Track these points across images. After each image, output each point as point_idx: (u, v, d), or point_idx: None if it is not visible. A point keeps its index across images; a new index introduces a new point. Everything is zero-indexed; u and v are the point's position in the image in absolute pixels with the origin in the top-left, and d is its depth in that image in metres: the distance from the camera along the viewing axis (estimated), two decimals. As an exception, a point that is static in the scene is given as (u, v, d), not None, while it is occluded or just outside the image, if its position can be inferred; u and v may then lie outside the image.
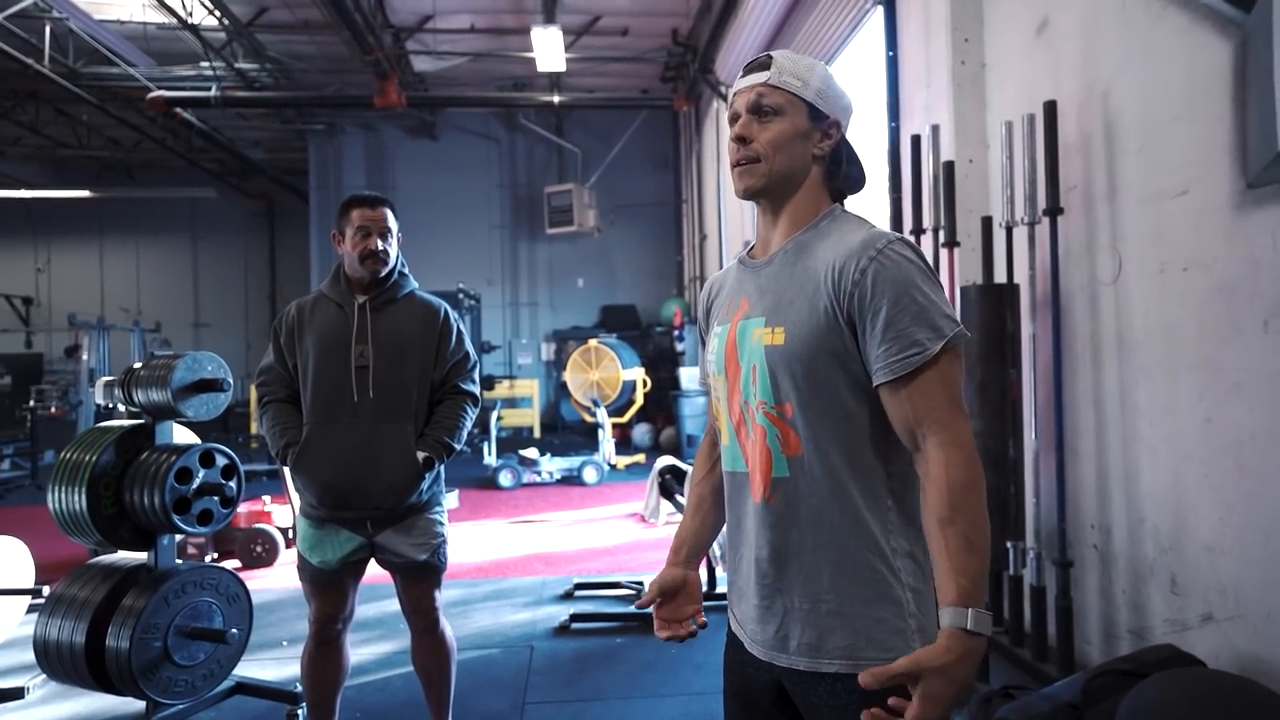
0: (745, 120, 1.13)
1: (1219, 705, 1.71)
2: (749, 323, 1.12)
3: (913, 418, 1.01)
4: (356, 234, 2.07)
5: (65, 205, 12.63)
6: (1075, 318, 2.64)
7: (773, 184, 1.14)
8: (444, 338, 2.16)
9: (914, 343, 0.99)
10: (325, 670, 2.17)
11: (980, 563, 0.96)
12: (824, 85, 1.13)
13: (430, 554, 2.12)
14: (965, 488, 0.97)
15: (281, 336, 2.12)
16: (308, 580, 2.12)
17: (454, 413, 2.14)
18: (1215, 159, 2.04)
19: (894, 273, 1.01)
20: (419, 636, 2.20)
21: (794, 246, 1.13)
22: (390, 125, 11.21)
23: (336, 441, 2.03)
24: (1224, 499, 2.07)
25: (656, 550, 4.75)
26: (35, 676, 2.83)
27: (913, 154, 3.28)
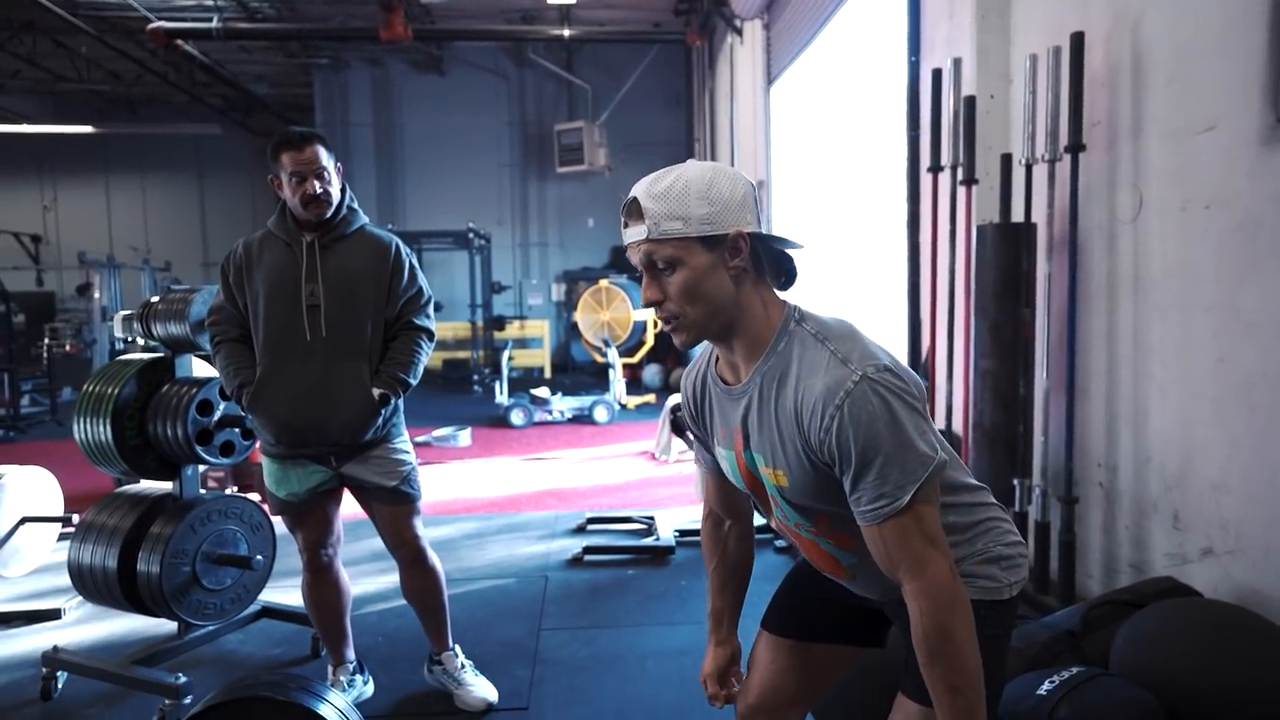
0: (647, 282, 1.08)
1: (1214, 631, 1.76)
2: (754, 455, 1.14)
3: (888, 562, 1.05)
4: (292, 179, 2.00)
5: (69, 142, 12.50)
6: (1092, 257, 2.62)
7: (705, 330, 1.09)
8: (396, 274, 2.11)
9: (881, 495, 1.00)
10: (324, 597, 2.24)
11: (965, 700, 1.02)
12: (707, 206, 1.03)
13: (399, 481, 2.14)
14: (942, 635, 1.01)
15: (230, 275, 2.09)
16: (282, 514, 2.16)
17: (408, 348, 2.12)
18: (1246, 93, 1.99)
19: (857, 428, 0.99)
20: (406, 568, 2.25)
21: (761, 380, 1.10)
22: (396, 59, 10.96)
23: (291, 381, 2.02)
24: (1232, 437, 2.09)
25: (667, 487, 4.84)
26: (71, 599, 2.95)
27: (933, 89, 3.20)
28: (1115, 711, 1.64)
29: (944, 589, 1.01)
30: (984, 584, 1.14)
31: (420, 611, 2.31)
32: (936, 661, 1.02)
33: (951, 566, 1.03)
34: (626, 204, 1.07)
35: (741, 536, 1.38)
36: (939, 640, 1.01)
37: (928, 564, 1.01)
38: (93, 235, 12.87)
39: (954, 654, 1.01)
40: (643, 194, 1.06)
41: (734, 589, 1.39)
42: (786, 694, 1.33)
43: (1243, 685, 1.66)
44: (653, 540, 3.64)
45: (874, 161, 4.75)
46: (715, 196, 1.04)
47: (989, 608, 1.14)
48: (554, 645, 2.69)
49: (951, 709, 1.02)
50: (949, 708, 1.02)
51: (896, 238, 3.76)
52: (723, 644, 1.39)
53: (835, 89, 5.63)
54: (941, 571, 1.01)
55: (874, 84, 4.75)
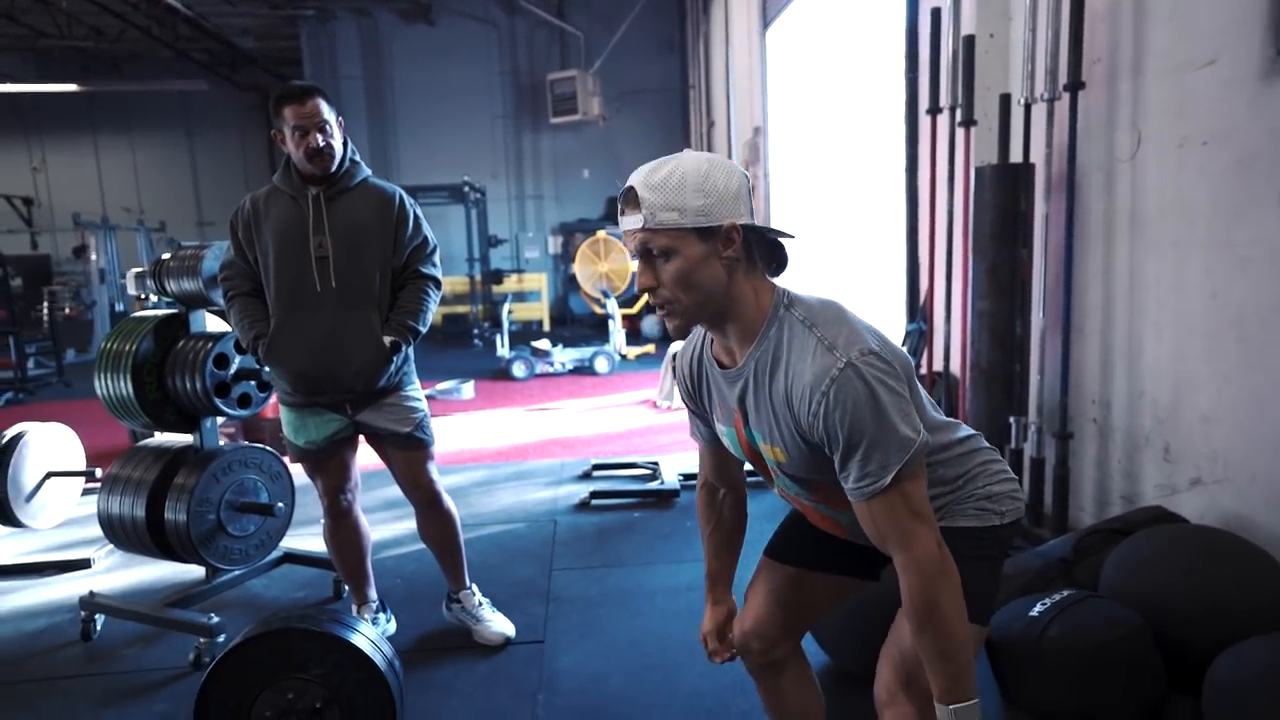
0: (642, 268, 1.11)
1: (1198, 553, 1.85)
2: (754, 432, 1.20)
3: (877, 536, 1.11)
4: (294, 133, 2.02)
5: (55, 101, 12.27)
6: (1090, 196, 2.64)
7: (697, 316, 1.14)
8: (401, 224, 2.15)
9: (866, 475, 1.06)
10: (346, 540, 2.32)
11: (955, 665, 1.08)
12: (702, 199, 1.06)
13: (413, 427, 2.21)
14: (930, 605, 1.07)
15: (239, 231, 2.13)
16: (301, 461, 2.23)
17: (416, 297, 2.17)
18: (1247, 26, 2.00)
19: (842, 412, 1.04)
20: (423, 512, 2.33)
21: (755, 365, 1.15)
22: (384, 9, 10.71)
23: (304, 330, 2.07)
24: (1222, 371, 2.15)
25: (669, 434, 4.93)
26: (99, 549, 3.05)
27: (932, 29, 3.18)
28: (1103, 629, 1.73)
29: (930, 562, 1.07)
30: (976, 514, 1.23)
31: (437, 553, 2.40)
32: (926, 631, 1.08)
33: (938, 539, 1.09)
34: (624, 193, 1.10)
35: (735, 505, 1.47)
36: (927, 611, 1.08)
37: (914, 538, 1.07)
38: (85, 197, 12.73)
39: (941, 623, 1.08)
40: (640, 184, 1.08)
41: (729, 553, 1.48)
42: (782, 621, 1.41)
43: (1225, 603, 1.75)
44: (657, 484, 3.73)
45: (873, 104, 4.72)
46: (710, 189, 1.06)
47: (983, 532, 1.22)
48: (565, 584, 2.80)
49: (942, 673, 1.09)
50: (938, 673, 1.09)
51: (895, 181, 3.77)
52: (720, 603, 1.48)
53: (833, 31, 5.55)
54: (928, 545, 1.07)
55: (872, 24, 4.69)
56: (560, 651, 2.33)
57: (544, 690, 2.14)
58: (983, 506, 1.23)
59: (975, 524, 1.22)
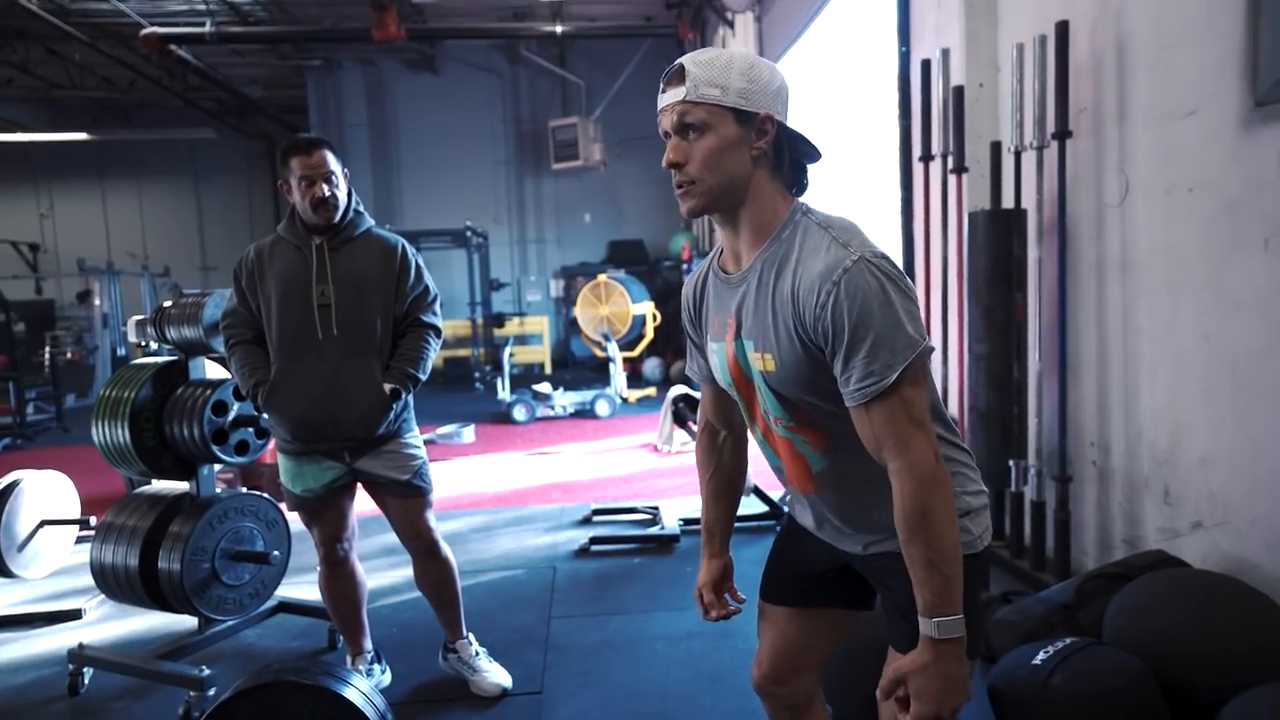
0: (674, 143, 1.11)
1: (1200, 599, 1.83)
2: (744, 344, 1.18)
3: (875, 442, 1.08)
4: (301, 183, 2.07)
5: (65, 149, 12.50)
6: (1081, 241, 2.68)
7: (715, 200, 1.12)
8: (404, 273, 2.19)
9: (870, 373, 1.03)
10: (341, 590, 2.30)
11: (942, 576, 1.05)
12: (746, 82, 1.08)
13: (412, 475, 2.21)
14: (921, 513, 1.04)
15: (243, 280, 2.16)
16: (298, 510, 2.22)
17: (417, 345, 2.19)
18: (1225, 77, 2.05)
19: (851, 303, 1.02)
20: (421, 561, 2.31)
21: (762, 265, 1.13)
22: (390, 59, 10.98)
23: (305, 377, 2.09)
24: (1219, 413, 2.16)
25: (670, 478, 4.91)
26: (91, 599, 3.01)
27: (922, 79, 3.26)
28: (1107, 677, 1.71)
29: (926, 469, 1.04)
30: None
31: (434, 602, 2.37)
32: (915, 538, 1.05)
33: (935, 449, 1.07)
34: (670, 70, 1.11)
35: (736, 448, 1.44)
36: (919, 518, 1.04)
37: (911, 444, 1.04)
38: (90, 242, 12.89)
39: (931, 531, 1.05)
40: (689, 61, 1.10)
41: (727, 500, 1.45)
42: (795, 660, 1.40)
43: (1230, 650, 1.73)
44: (658, 530, 3.71)
45: (867, 151, 4.81)
46: (755, 77, 1.09)
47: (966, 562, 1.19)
48: (565, 632, 2.76)
49: (928, 584, 1.05)
50: (925, 583, 1.05)
51: (891, 225, 3.82)
52: (715, 557, 1.44)
53: (827, 80, 5.67)
54: (924, 452, 1.05)
55: (865, 74, 4.80)
56: (558, 702, 2.29)
57: (540, 744, 2.09)
58: (964, 526, 1.17)
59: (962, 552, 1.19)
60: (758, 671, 1.43)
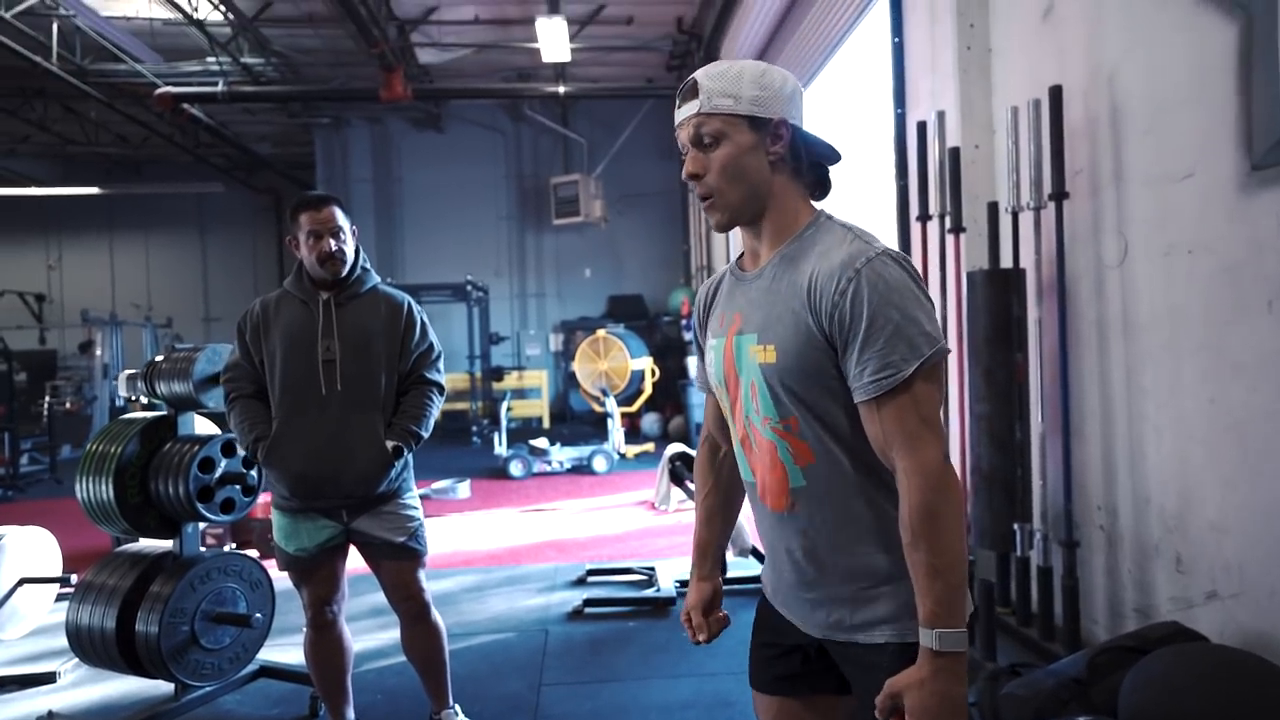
0: (692, 155, 1.12)
1: (1221, 678, 1.75)
2: (743, 338, 1.15)
3: (883, 440, 1.04)
4: (309, 238, 2.09)
5: (75, 202, 12.71)
6: (1081, 301, 2.66)
7: (740, 212, 1.13)
8: (409, 330, 2.19)
9: (887, 364, 1.00)
10: (327, 654, 2.22)
11: (945, 585, 1.00)
12: (758, 90, 1.09)
13: (408, 537, 2.16)
14: (927, 515, 1.00)
15: (247, 334, 2.15)
16: (289, 569, 2.16)
17: (420, 402, 2.19)
18: (1220, 142, 2.06)
19: (872, 292, 1.01)
20: (410, 624, 2.24)
21: (780, 260, 1.13)
22: (396, 118, 11.23)
23: (307, 433, 2.06)
24: (1227, 478, 2.10)
25: (667, 537, 4.80)
26: (66, 661, 2.91)
27: (919, 141, 3.30)
28: (1125, 760, 1.61)
29: (935, 470, 1.01)
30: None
31: (421, 669, 2.28)
32: (921, 542, 1.00)
33: (945, 452, 1.03)
34: (684, 86, 1.12)
35: (735, 465, 1.37)
36: (924, 521, 1.00)
37: (921, 443, 1.01)
38: (97, 293, 12.99)
39: (937, 536, 1.00)
40: (701, 75, 1.12)
41: (722, 520, 1.39)
42: None
43: (1252, 731, 1.64)
44: (653, 591, 3.60)
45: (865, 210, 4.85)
46: (767, 84, 1.10)
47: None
48: (555, 700, 2.65)
49: (930, 592, 1.00)
50: (928, 592, 1.00)
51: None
52: (706, 579, 1.38)
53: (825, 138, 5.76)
54: (934, 453, 1.01)
55: (862, 135, 4.88)
56: (546, 779, 2.18)
57: (527, 825, 1.98)
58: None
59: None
60: None
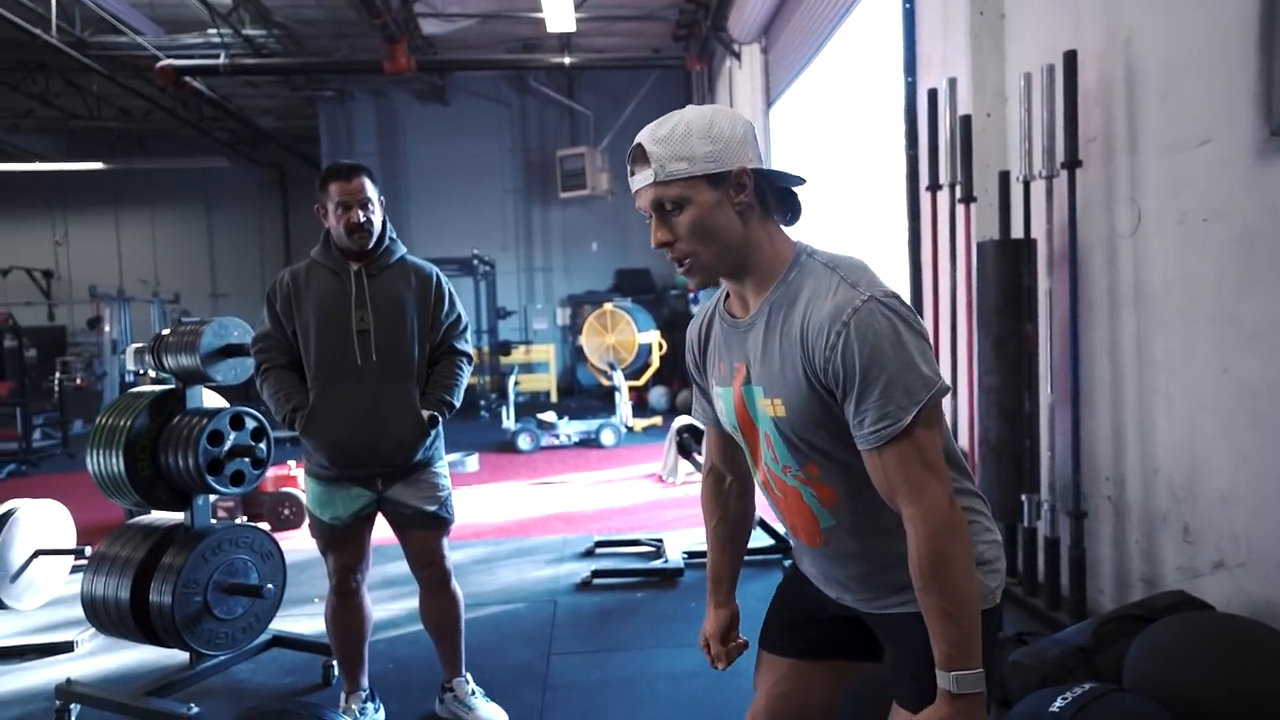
0: (656, 223, 1.09)
1: (1227, 646, 1.75)
2: (752, 390, 1.14)
3: (888, 487, 1.05)
4: (337, 208, 2.08)
5: (80, 178, 12.68)
6: (1092, 271, 2.63)
7: (718, 269, 1.12)
8: (439, 302, 2.22)
9: (884, 415, 1.00)
10: (349, 622, 2.25)
11: (959, 628, 1.01)
12: (710, 145, 1.05)
13: (439, 506, 2.21)
14: (936, 561, 1.01)
15: (278, 304, 2.15)
16: (321, 537, 2.19)
17: (451, 372, 2.23)
18: (1238, 107, 2.02)
19: (862, 344, 1.00)
20: (430, 591, 2.28)
21: (770, 308, 1.11)
22: (400, 90, 11.12)
23: (344, 403, 2.09)
24: (1239, 448, 2.09)
25: (675, 509, 4.83)
26: (83, 631, 2.96)
27: (930, 109, 3.25)
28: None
29: (941, 515, 1.01)
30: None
31: (437, 636, 2.32)
32: (931, 586, 1.01)
33: (950, 494, 1.03)
34: (632, 151, 1.09)
35: (742, 494, 1.39)
36: (933, 565, 1.01)
37: (926, 489, 1.01)
38: (104, 269, 13.01)
39: (948, 579, 1.00)
40: (647, 140, 1.08)
41: (734, 547, 1.40)
42: (794, 713, 1.32)
43: (1256, 699, 1.64)
44: (661, 563, 3.63)
45: (874, 180, 4.80)
46: (717, 135, 1.06)
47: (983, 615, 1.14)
48: (564, 669, 2.68)
49: (945, 635, 1.01)
50: (942, 634, 1.01)
51: (899, 255, 3.78)
52: (722, 606, 1.39)
53: (834, 110, 5.69)
54: (939, 498, 1.01)
55: (872, 104, 4.81)
56: (555, 745, 2.22)
57: (536, 790, 2.02)
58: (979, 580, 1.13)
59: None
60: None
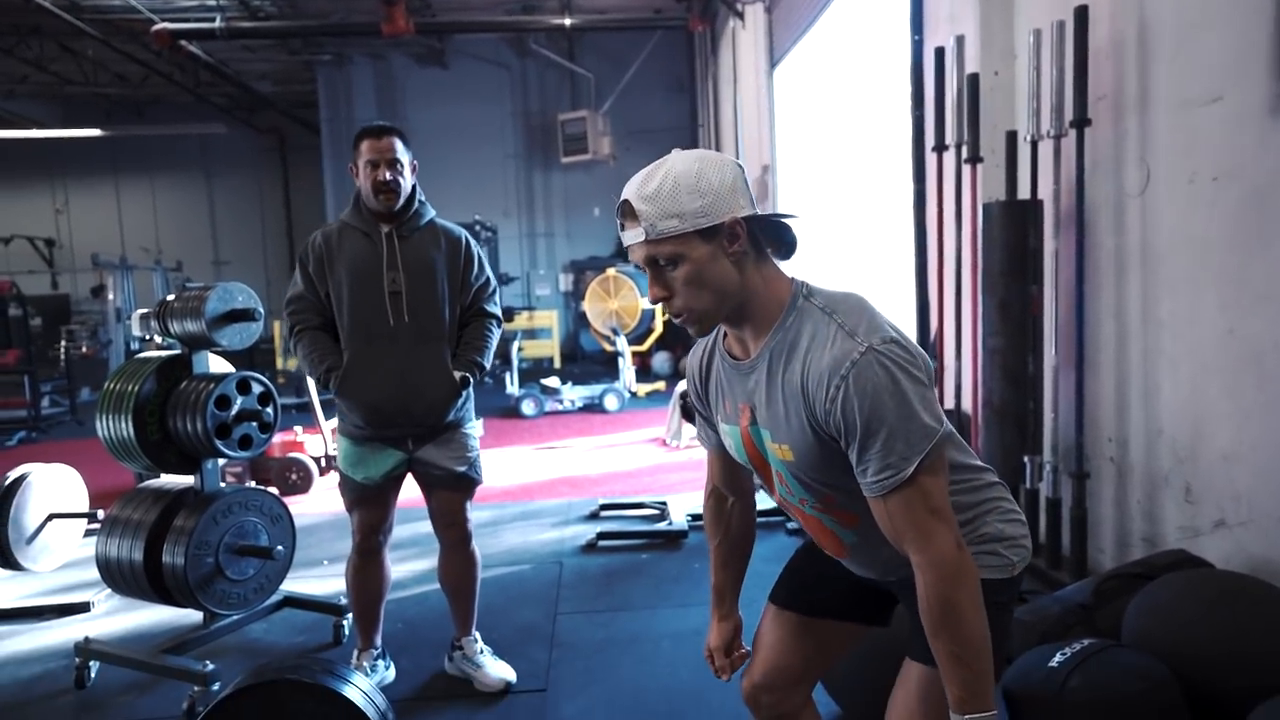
0: (652, 279, 1.09)
1: (1225, 601, 1.78)
2: (760, 431, 1.15)
3: (894, 533, 1.06)
4: (367, 166, 2.12)
5: (79, 145, 12.58)
6: (1099, 232, 2.61)
7: (717, 317, 1.11)
8: (469, 265, 2.24)
9: (886, 466, 1.02)
10: (369, 580, 2.30)
11: (971, 672, 1.03)
12: (699, 199, 1.03)
13: (468, 466, 2.24)
14: (945, 607, 1.03)
15: (310, 265, 2.17)
16: (350, 495, 2.23)
17: (481, 334, 2.25)
18: (1252, 63, 1.99)
19: (861, 398, 1.00)
20: (450, 550, 2.32)
21: (770, 355, 1.11)
22: (399, 54, 10.96)
23: (378, 364, 2.12)
24: (1243, 408, 2.09)
25: (678, 472, 4.87)
26: (99, 592, 3.01)
27: (936, 68, 3.19)
28: (1126, 681, 1.65)
29: (949, 561, 1.02)
30: (989, 561, 1.17)
31: (453, 594, 2.36)
32: (941, 633, 1.03)
33: (957, 539, 1.04)
34: (620, 207, 1.08)
35: (744, 513, 1.41)
36: (943, 612, 1.03)
37: (932, 536, 1.02)
38: (105, 237, 12.98)
39: (958, 626, 1.02)
40: (634, 196, 1.06)
41: (736, 565, 1.43)
42: (792, 671, 1.35)
43: (1256, 653, 1.67)
44: (665, 525, 3.67)
45: (879, 142, 4.74)
46: (706, 188, 1.04)
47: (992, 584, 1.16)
48: (570, 629, 2.73)
49: (956, 678, 1.03)
50: (954, 678, 1.04)
51: (903, 218, 3.76)
52: (726, 619, 1.43)
53: (839, 70, 5.60)
54: (946, 544, 1.03)
55: (877, 64, 4.73)
56: (562, 700, 2.26)
57: (545, 742, 2.07)
58: (996, 551, 1.17)
59: (989, 575, 1.17)
60: (748, 681, 1.39)
